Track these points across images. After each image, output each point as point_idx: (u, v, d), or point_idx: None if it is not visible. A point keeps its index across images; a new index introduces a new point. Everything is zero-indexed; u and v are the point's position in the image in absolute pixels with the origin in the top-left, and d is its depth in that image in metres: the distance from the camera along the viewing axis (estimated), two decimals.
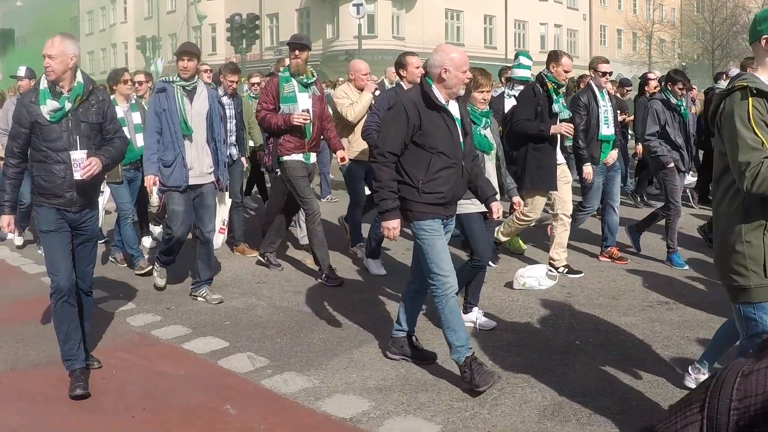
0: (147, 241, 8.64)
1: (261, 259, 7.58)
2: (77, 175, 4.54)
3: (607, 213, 7.76)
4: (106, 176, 6.74)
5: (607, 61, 7.82)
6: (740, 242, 3.19)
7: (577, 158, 7.56)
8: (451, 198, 4.64)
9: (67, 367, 4.65)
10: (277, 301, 6.46)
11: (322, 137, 7.14)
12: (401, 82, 7.04)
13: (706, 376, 4.29)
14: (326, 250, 7.01)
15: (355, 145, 7.53)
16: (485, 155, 5.56)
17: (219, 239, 7.44)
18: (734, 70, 11.66)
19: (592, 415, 4.14)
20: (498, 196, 5.22)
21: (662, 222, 7.84)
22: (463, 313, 5.53)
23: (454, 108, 4.69)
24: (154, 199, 6.58)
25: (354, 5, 32.44)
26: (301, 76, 6.87)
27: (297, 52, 6.87)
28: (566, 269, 7.17)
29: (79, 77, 4.69)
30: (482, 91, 5.49)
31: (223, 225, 7.58)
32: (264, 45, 48.33)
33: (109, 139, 4.80)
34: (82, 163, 4.53)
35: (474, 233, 5.40)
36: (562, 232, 7.23)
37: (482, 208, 5.24)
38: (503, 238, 7.43)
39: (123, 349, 5.35)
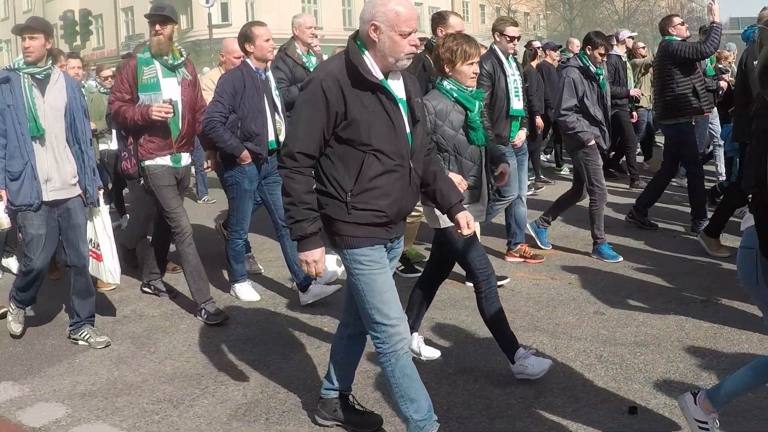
0: None
1: (146, 289, 6.35)
2: None
3: (513, 204, 6.62)
4: None
5: (516, 24, 6.62)
6: None
7: None
8: (396, 215, 3.38)
9: None
10: (33, 307, 5.99)
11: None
12: (248, 60, 5.82)
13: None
14: (204, 278, 5.78)
15: None
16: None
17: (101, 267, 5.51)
18: (625, 32, 10.96)
19: (284, 414, 4.10)
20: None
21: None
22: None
23: (396, 85, 3.37)
24: (3, 220, 5.03)
25: None
26: (166, 57, 5.57)
27: (158, 26, 5.54)
28: None
29: None
30: (471, 63, 4.32)
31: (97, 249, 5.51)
32: (120, 40, 46.85)
33: None
34: None
35: (469, 249, 4.31)
36: None
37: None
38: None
39: None
